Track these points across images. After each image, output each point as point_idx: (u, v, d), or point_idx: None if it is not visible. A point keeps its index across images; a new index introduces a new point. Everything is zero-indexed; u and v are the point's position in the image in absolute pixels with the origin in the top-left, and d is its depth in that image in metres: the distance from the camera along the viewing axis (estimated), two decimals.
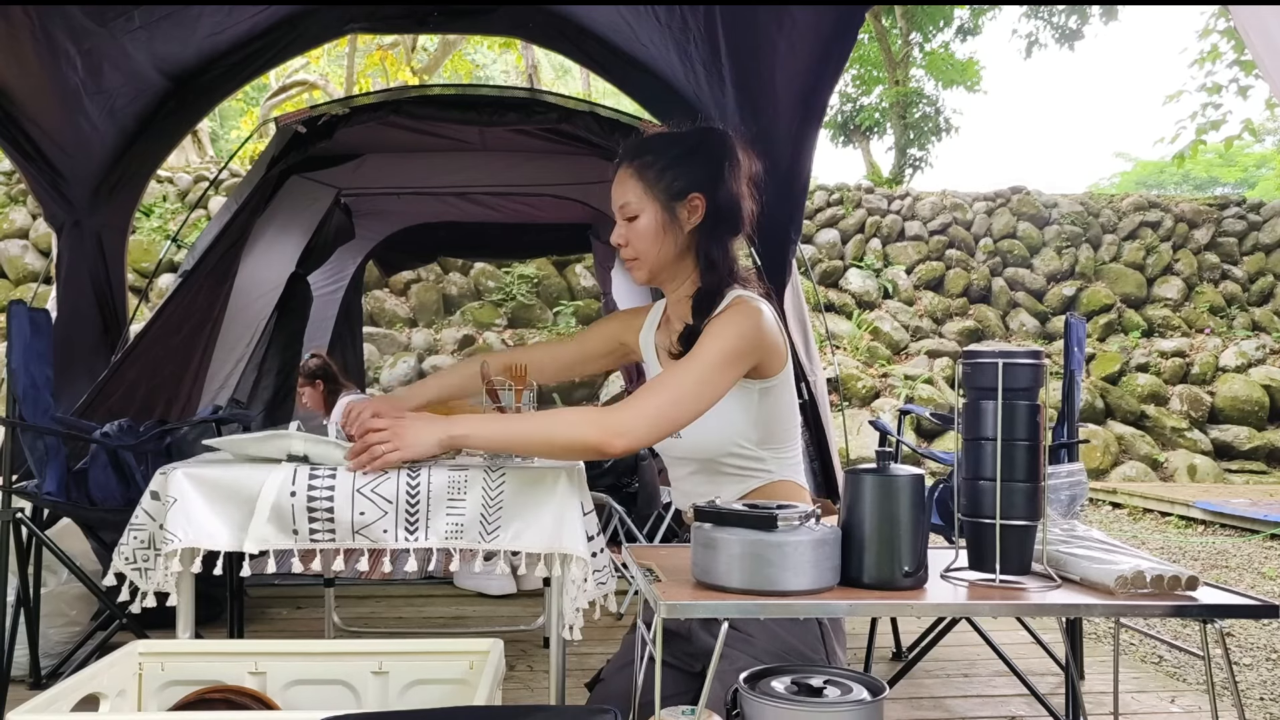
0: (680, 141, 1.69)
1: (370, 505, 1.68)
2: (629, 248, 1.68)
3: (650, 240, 1.65)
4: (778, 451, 1.64)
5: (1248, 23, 1.23)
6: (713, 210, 1.64)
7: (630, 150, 1.70)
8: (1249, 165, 18.95)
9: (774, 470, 1.63)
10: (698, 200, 1.63)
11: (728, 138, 1.68)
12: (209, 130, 14.18)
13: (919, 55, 14.16)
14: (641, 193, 1.65)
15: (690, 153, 1.66)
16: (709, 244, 1.66)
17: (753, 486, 1.63)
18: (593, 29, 4.08)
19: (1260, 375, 9.76)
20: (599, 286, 6.43)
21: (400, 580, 3.98)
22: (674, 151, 1.66)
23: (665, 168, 1.64)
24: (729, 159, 1.65)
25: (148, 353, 3.44)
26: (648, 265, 1.69)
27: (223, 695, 1.51)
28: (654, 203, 1.64)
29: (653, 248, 1.66)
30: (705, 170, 1.64)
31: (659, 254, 1.67)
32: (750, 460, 1.62)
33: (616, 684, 1.53)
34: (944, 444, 8.29)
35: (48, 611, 2.84)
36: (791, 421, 1.67)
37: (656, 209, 1.64)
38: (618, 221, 1.69)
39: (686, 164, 1.64)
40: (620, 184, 1.68)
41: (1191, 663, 3.60)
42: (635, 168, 1.66)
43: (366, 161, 4.41)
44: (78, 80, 3.43)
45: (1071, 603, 1.21)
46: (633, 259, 1.69)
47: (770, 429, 1.62)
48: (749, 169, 1.68)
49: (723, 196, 1.64)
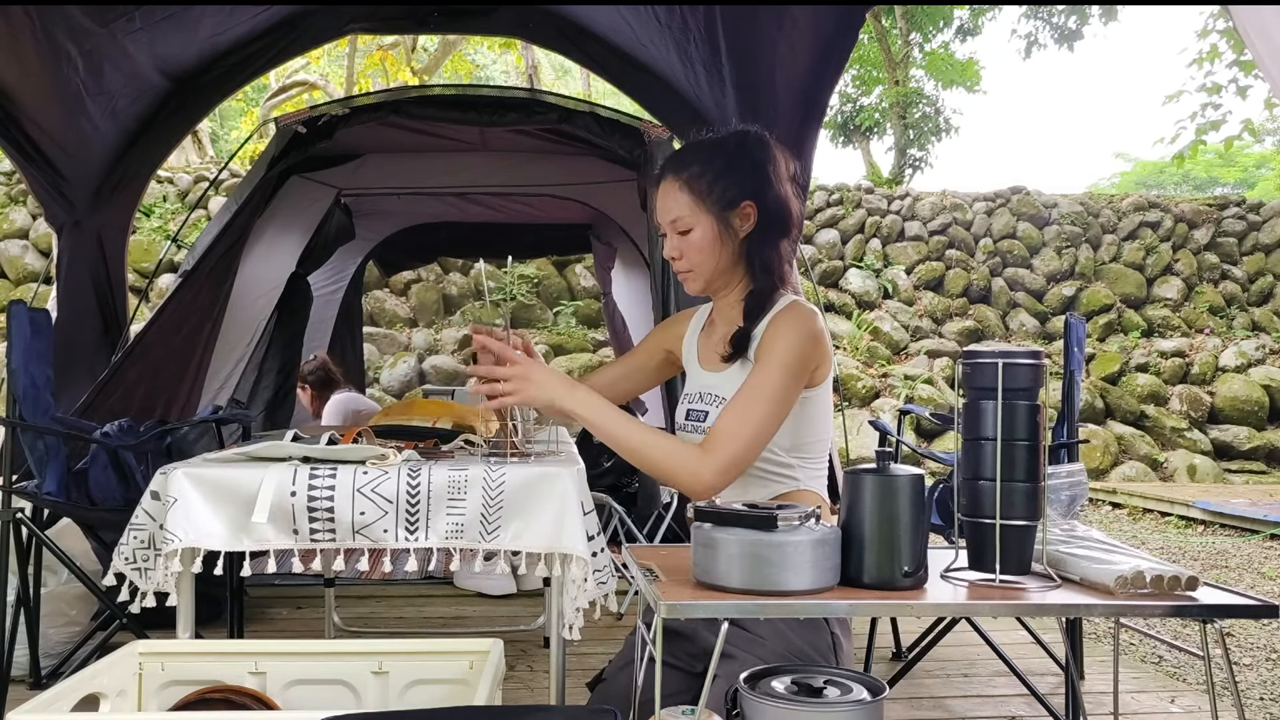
0: (722, 149, 1.66)
1: (370, 505, 1.68)
2: (683, 260, 1.66)
3: (706, 253, 1.63)
4: (806, 460, 1.63)
5: (1248, 23, 1.23)
6: (764, 215, 1.63)
7: (674, 162, 1.68)
8: (1249, 165, 18.94)
9: (800, 479, 1.62)
10: (749, 208, 1.62)
11: (766, 139, 1.67)
12: (209, 130, 14.18)
13: (919, 55, 14.16)
14: (693, 206, 1.62)
15: (735, 160, 1.64)
16: (762, 248, 1.64)
17: (777, 492, 1.61)
18: (593, 29, 4.08)
19: (1260, 375, 9.76)
20: (599, 286, 6.43)
21: (400, 580, 3.98)
22: (720, 161, 1.64)
23: (715, 179, 1.62)
24: (771, 161, 1.64)
25: (148, 353, 3.45)
26: (704, 276, 1.67)
27: (223, 695, 1.51)
28: (707, 215, 1.62)
29: (709, 260, 1.64)
30: (753, 176, 1.62)
31: (716, 265, 1.65)
32: (780, 466, 1.61)
33: (617, 684, 1.53)
34: (944, 444, 8.28)
35: (48, 611, 2.84)
36: (824, 432, 1.65)
37: (710, 221, 1.62)
38: (669, 235, 1.66)
39: (734, 172, 1.63)
40: (668, 197, 1.65)
41: (1191, 663, 3.60)
42: (684, 180, 1.63)
43: (366, 162, 4.42)
44: (79, 81, 3.43)
45: (1071, 603, 1.21)
46: (687, 271, 1.67)
47: (803, 437, 1.61)
48: (788, 168, 1.67)
49: (772, 200, 1.62)
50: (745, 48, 3.23)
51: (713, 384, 1.66)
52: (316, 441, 1.94)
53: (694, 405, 1.68)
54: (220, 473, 1.71)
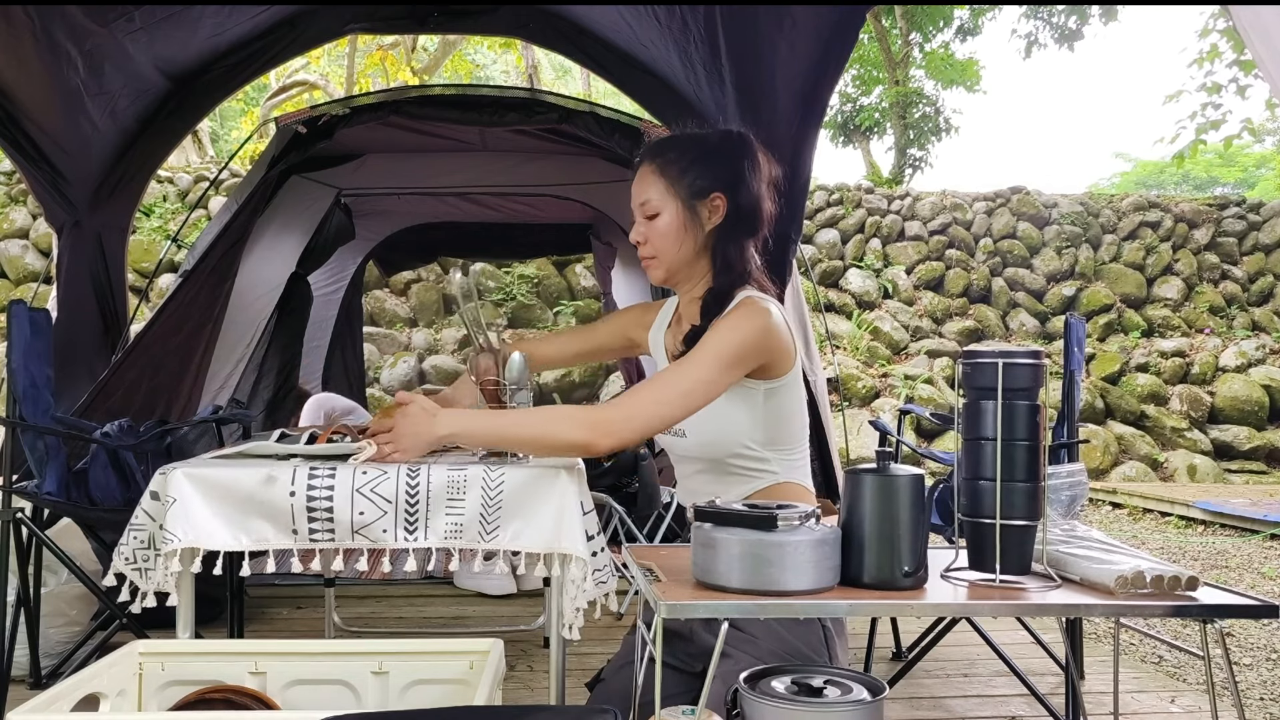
0: (702, 141, 1.68)
1: (370, 505, 1.68)
2: (647, 245, 1.67)
3: (670, 239, 1.65)
4: (783, 453, 1.64)
5: (1248, 23, 1.23)
6: (733, 210, 1.64)
7: (652, 149, 1.70)
8: (1249, 165, 18.93)
9: (779, 472, 1.63)
10: (719, 200, 1.63)
11: (749, 139, 1.68)
12: (209, 130, 14.18)
13: (919, 55, 14.16)
14: (663, 190, 1.64)
15: (712, 153, 1.65)
16: (726, 244, 1.65)
17: (758, 487, 1.62)
18: (593, 29, 4.08)
19: (1260, 375, 9.76)
20: (599, 286, 6.43)
21: (400, 580, 3.98)
22: (696, 151, 1.66)
23: (687, 167, 1.64)
24: (750, 160, 1.65)
25: (148, 353, 3.44)
26: (665, 264, 1.68)
27: (223, 695, 1.51)
28: (675, 200, 1.64)
29: (672, 246, 1.65)
30: (727, 170, 1.63)
31: (678, 253, 1.66)
32: (755, 461, 1.62)
33: (617, 684, 1.53)
34: (944, 444, 8.28)
35: (48, 611, 2.84)
36: (798, 424, 1.66)
37: (678, 207, 1.64)
38: (637, 219, 1.68)
39: (709, 163, 1.64)
40: (641, 181, 1.67)
41: (1191, 663, 3.60)
42: (657, 165, 1.66)
43: (367, 161, 4.42)
44: (79, 81, 3.43)
45: (1071, 603, 1.21)
46: (650, 257, 1.68)
47: (776, 431, 1.62)
48: (769, 172, 1.68)
49: (743, 197, 1.63)
50: (745, 48, 3.23)
51: None
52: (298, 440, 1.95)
53: None
54: (220, 473, 1.71)
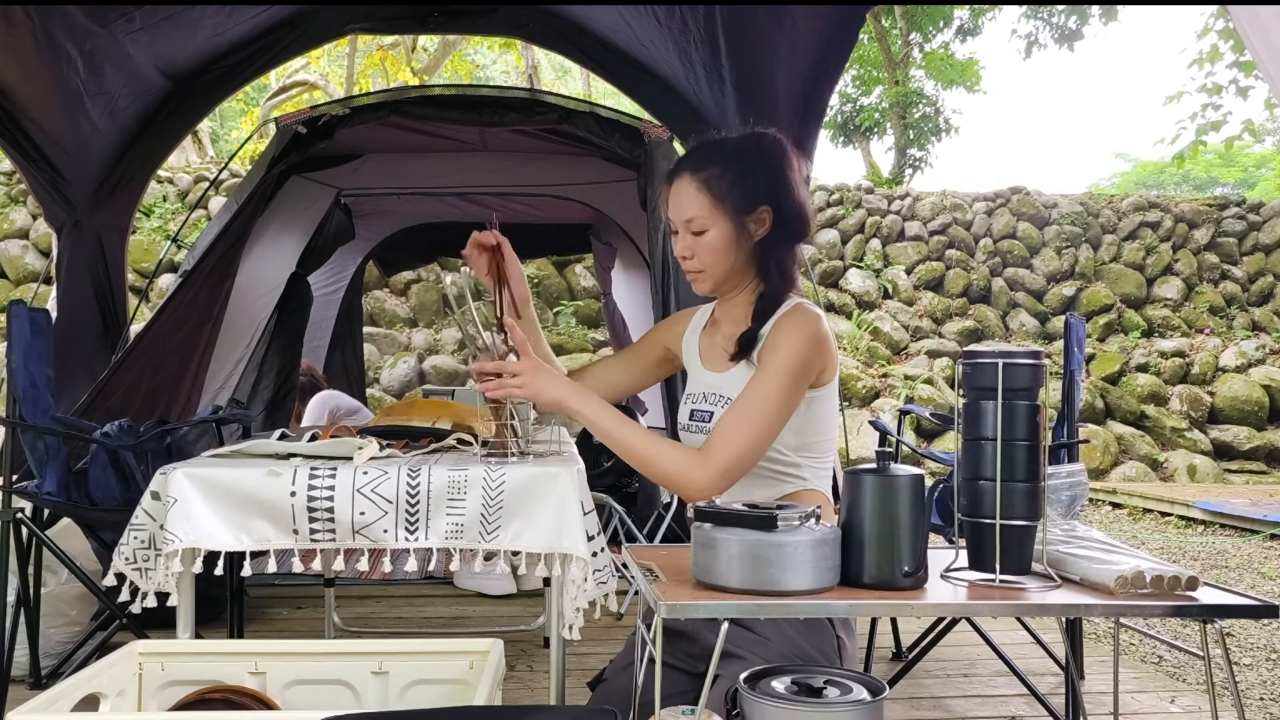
0: (742, 152, 1.64)
1: (370, 505, 1.68)
2: (695, 260, 1.65)
3: (720, 254, 1.62)
4: (813, 459, 1.63)
5: (1248, 23, 1.23)
6: (779, 220, 1.62)
7: (693, 161, 1.66)
8: (1249, 165, 18.92)
9: (808, 479, 1.62)
10: (765, 213, 1.61)
11: (784, 143, 1.66)
12: (209, 130, 14.18)
13: (919, 55, 14.16)
14: (710, 207, 1.61)
15: (755, 164, 1.62)
16: (777, 252, 1.64)
17: (785, 491, 1.61)
18: (593, 29, 4.08)
19: (1260, 375, 9.76)
20: (599, 286, 6.43)
21: (400, 580, 3.98)
22: (740, 164, 1.62)
23: (734, 182, 1.60)
24: (789, 166, 1.63)
25: (148, 353, 3.45)
26: (715, 278, 1.66)
27: (223, 695, 1.51)
28: (724, 217, 1.61)
29: (723, 262, 1.63)
30: (772, 181, 1.62)
31: (729, 267, 1.64)
32: (786, 466, 1.61)
33: (618, 684, 1.53)
34: (944, 444, 8.28)
35: (48, 611, 2.84)
36: (831, 431, 1.65)
37: (727, 223, 1.61)
38: (681, 233, 1.65)
39: (754, 177, 1.61)
40: (684, 196, 1.63)
41: (1191, 663, 3.60)
42: (702, 180, 1.62)
43: (367, 162, 4.42)
44: (79, 81, 3.43)
45: (1071, 603, 1.21)
46: (698, 271, 1.66)
47: (809, 436, 1.61)
48: (802, 171, 1.67)
49: (788, 205, 1.62)
50: (745, 48, 3.23)
51: (717, 384, 1.66)
52: (300, 439, 1.95)
53: (698, 405, 1.67)
54: (220, 473, 1.71)
